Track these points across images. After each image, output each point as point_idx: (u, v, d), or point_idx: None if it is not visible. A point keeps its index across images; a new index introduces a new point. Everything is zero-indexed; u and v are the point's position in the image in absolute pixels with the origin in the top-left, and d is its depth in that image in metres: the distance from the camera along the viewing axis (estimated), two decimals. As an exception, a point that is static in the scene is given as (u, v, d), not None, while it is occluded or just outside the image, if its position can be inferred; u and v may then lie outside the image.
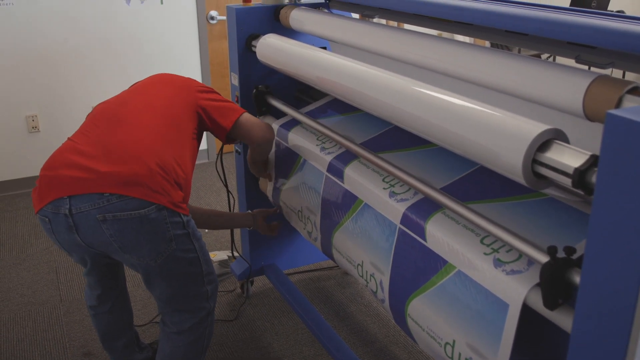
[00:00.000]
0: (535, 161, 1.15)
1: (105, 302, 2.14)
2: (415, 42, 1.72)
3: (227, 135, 2.05)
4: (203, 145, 4.80)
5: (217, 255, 3.09)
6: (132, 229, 1.74)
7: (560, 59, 4.83)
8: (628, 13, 5.15)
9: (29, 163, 4.24)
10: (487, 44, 4.77)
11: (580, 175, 1.07)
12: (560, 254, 1.14)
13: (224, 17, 4.64)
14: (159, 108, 1.94)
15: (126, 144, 1.80)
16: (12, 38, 3.97)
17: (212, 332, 2.08)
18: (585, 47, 1.35)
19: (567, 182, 1.10)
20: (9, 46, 3.98)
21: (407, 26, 4.40)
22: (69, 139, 1.89)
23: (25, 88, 4.11)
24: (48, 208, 1.77)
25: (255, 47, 2.27)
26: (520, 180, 1.17)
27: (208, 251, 2.00)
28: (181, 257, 1.85)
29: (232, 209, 2.58)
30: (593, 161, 1.07)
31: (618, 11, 5.12)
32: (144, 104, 1.95)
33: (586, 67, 1.39)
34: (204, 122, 2.02)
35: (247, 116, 2.06)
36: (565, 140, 1.17)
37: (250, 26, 2.36)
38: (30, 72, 4.09)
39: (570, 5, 5.06)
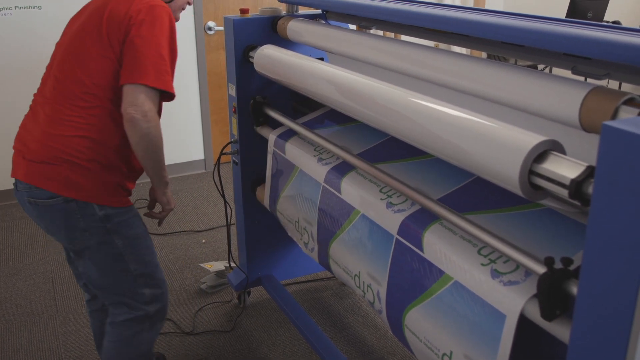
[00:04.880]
0: (531, 172, 1.15)
1: (95, 297, 2.16)
2: (412, 53, 1.72)
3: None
4: (199, 155, 4.80)
5: (214, 266, 3.08)
6: (47, 215, 1.86)
7: (556, 70, 4.84)
8: (624, 24, 5.17)
9: (26, 173, 4.23)
10: (484, 54, 4.79)
11: (576, 186, 1.07)
12: (558, 265, 1.14)
13: (222, 28, 4.65)
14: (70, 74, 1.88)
15: (38, 130, 1.86)
16: (11, 47, 3.97)
17: (151, 341, 2.06)
18: (582, 59, 1.36)
19: (563, 193, 1.10)
20: (7, 55, 3.99)
21: (404, 37, 4.42)
22: (34, 98, 2.00)
23: (23, 97, 4.10)
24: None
25: (252, 58, 2.27)
26: (517, 191, 1.17)
27: (151, 253, 2.00)
28: (102, 250, 1.89)
29: (229, 219, 2.58)
30: (589, 172, 1.07)
31: (614, 22, 5.15)
32: (57, 74, 1.91)
33: (582, 78, 1.40)
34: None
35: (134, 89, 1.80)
36: (562, 151, 1.17)
37: (247, 37, 2.37)
38: (29, 81, 4.09)
39: (567, 15, 5.08)
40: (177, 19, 2.03)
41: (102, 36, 1.82)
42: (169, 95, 1.90)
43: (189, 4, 2.11)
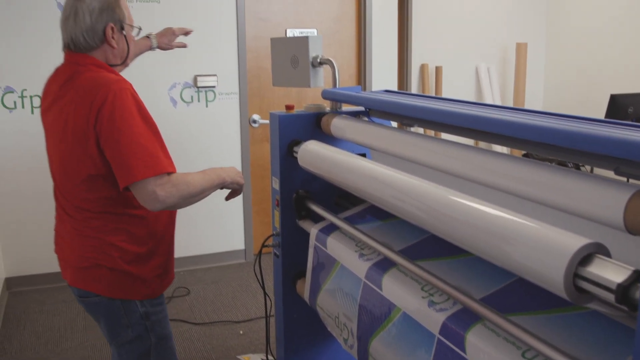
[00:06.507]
0: (576, 276, 1.14)
1: None
2: (452, 151, 1.75)
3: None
4: (240, 245, 4.84)
5: (252, 358, 3.05)
6: (94, 311, 1.98)
7: (597, 169, 4.81)
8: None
9: (71, 259, 4.32)
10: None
11: (623, 291, 1.05)
12: (606, 372, 1.11)
13: (266, 121, 4.79)
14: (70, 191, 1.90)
15: (69, 241, 1.94)
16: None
17: None
18: (625, 159, 1.36)
19: (610, 297, 1.08)
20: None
21: (444, 135, 4.48)
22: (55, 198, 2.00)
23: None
24: None
25: (296, 153, 2.33)
26: (562, 294, 1.16)
27: (172, 354, 2.08)
28: (135, 345, 1.98)
29: (268, 311, 2.57)
30: (636, 277, 1.06)
31: (656, 117, 5.13)
32: (57, 189, 1.96)
33: (625, 179, 1.40)
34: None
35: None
36: (607, 254, 1.16)
37: (292, 132, 2.43)
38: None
39: (607, 110, 5.09)
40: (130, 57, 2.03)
41: (79, 155, 1.80)
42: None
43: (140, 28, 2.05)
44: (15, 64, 4.07)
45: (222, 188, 2.04)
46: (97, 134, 1.75)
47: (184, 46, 2.70)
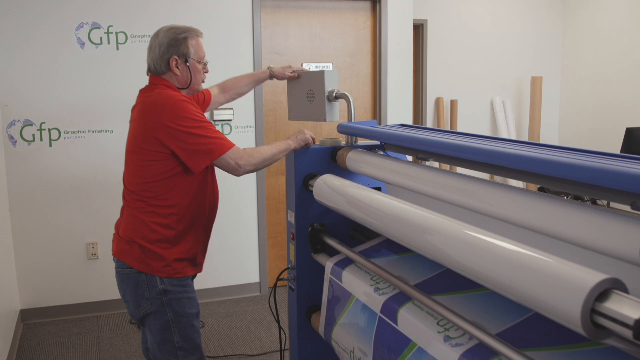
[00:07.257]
0: (594, 311, 1.13)
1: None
2: (467, 185, 1.75)
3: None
4: (255, 277, 4.83)
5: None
6: (122, 282, 2.36)
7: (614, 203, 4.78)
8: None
9: (85, 289, 4.34)
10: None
11: (641, 328, 1.04)
12: (624, 410, 1.09)
13: (282, 154, 4.81)
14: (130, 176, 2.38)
15: (123, 220, 2.39)
16: (77, 170, 4.19)
17: None
18: (641, 195, 1.36)
19: (627, 333, 1.07)
20: (74, 178, 4.20)
21: (459, 169, 4.47)
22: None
23: (87, 217, 4.28)
24: None
25: (312, 186, 2.34)
26: (579, 330, 1.15)
27: (195, 332, 2.33)
28: (157, 318, 2.32)
29: (283, 345, 2.56)
30: (654, 313, 1.05)
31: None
32: (125, 172, 2.41)
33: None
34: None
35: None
36: (624, 289, 1.15)
37: (308, 166, 2.45)
38: (92, 202, 4.28)
39: (623, 143, 5.08)
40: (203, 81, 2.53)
41: (136, 147, 2.31)
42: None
43: (206, 71, 2.51)
44: (33, 98, 4.15)
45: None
46: (166, 136, 2.23)
47: (296, 77, 2.91)
